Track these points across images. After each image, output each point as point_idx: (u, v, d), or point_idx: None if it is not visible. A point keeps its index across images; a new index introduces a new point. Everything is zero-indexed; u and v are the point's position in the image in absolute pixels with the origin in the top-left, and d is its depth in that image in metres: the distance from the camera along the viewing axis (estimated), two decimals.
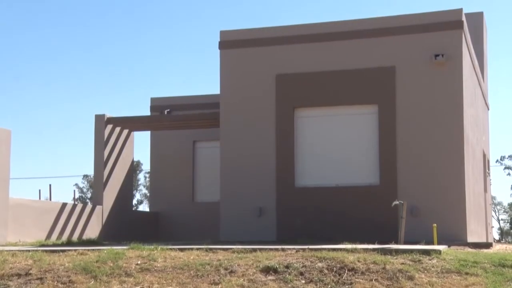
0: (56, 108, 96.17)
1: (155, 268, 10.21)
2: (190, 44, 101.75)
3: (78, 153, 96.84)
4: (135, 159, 39.05)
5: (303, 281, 9.43)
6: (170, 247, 11.76)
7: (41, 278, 9.89)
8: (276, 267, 9.86)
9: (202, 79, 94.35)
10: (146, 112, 23.39)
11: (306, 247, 11.19)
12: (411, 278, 9.43)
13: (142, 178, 71.00)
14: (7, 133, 15.59)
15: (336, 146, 16.41)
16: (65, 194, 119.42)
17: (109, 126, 20.03)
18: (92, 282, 9.70)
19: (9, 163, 15.59)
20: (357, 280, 9.38)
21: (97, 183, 19.97)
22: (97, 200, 19.71)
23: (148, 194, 56.59)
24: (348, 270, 9.72)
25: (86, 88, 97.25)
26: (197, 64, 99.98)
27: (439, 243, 13.19)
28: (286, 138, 16.55)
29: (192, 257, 10.76)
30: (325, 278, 9.48)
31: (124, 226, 20.09)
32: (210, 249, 11.42)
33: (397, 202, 13.97)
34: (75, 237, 17.92)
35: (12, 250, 12.03)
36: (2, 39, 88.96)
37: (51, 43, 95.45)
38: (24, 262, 10.78)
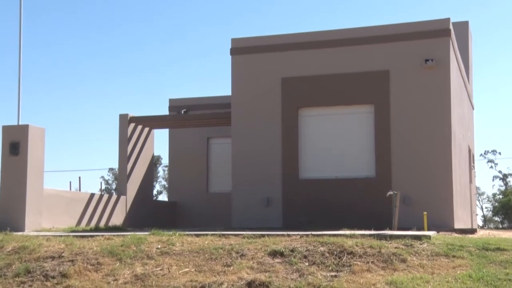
0: (85, 108, 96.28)
1: (174, 251, 10.27)
2: (205, 50, 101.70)
3: (104, 149, 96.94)
4: (155, 154, 39.10)
5: (307, 264, 9.46)
6: (187, 233, 11.81)
7: (72, 260, 9.97)
8: (283, 251, 9.89)
9: (216, 82, 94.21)
10: (165, 111, 23.43)
11: (309, 233, 11.21)
12: (404, 260, 9.45)
13: (161, 171, 71.01)
14: (41, 131, 15.66)
15: (336, 142, 16.40)
16: (93, 185, 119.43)
17: (132, 125, 20.08)
18: (118, 264, 9.77)
19: (43, 158, 15.65)
20: (355, 262, 9.41)
21: (121, 176, 20.02)
22: (121, 191, 19.78)
23: (166, 186, 56.71)
24: (347, 253, 9.74)
25: (111, 90, 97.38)
26: (211, 68, 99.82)
27: (429, 229, 13.20)
28: (291, 135, 16.55)
29: (207, 242, 10.80)
30: (326, 261, 9.50)
31: (146, 214, 20.17)
32: (223, 235, 11.46)
33: (391, 193, 13.98)
34: (102, 224, 18.01)
35: (47, 236, 12.13)
36: (43, 49, 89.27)
37: (82, 52, 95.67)
38: (57, 246, 10.86)
